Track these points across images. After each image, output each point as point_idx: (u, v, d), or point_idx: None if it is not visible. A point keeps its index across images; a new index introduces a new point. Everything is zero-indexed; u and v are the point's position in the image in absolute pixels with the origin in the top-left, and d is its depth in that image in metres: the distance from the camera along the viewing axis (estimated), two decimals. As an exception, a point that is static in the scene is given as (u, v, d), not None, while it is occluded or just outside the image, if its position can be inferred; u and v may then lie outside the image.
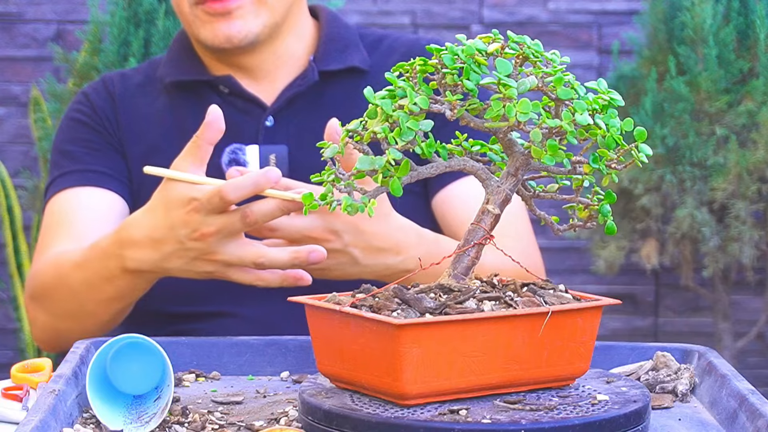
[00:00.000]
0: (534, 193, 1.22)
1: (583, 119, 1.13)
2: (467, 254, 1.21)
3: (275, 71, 1.87)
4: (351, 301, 1.17)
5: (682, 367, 1.34)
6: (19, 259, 3.59)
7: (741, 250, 3.32)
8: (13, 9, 3.84)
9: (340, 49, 1.88)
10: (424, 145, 1.15)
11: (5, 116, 3.87)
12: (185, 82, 1.88)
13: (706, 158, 3.31)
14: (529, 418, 1.09)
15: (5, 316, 3.87)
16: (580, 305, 1.16)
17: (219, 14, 1.78)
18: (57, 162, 1.90)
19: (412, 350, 1.09)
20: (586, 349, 1.17)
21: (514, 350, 1.14)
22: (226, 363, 1.41)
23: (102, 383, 1.24)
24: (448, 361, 1.11)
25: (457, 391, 1.13)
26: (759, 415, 1.14)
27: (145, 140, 1.88)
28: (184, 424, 1.20)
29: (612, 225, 1.20)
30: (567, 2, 3.88)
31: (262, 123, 1.84)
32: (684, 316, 3.91)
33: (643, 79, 3.41)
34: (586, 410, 1.12)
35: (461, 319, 1.11)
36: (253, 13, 1.79)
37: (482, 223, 1.20)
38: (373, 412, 1.11)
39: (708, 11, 3.30)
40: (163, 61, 1.93)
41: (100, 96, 1.93)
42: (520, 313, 1.13)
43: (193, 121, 1.81)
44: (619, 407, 1.13)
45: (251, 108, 1.86)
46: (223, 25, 1.78)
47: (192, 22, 1.82)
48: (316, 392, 1.17)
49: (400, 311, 1.13)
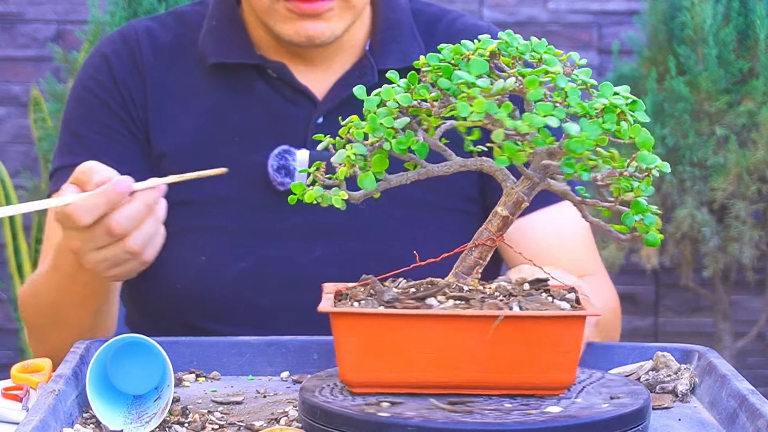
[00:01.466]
0: (582, 199, 1.19)
1: (539, 122, 1.12)
2: (471, 254, 1.21)
3: (331, 58, 1.71)
4: (336, 290, 1.21)
5: (682, 367, 1.34)
6: (19, 259, 3.59)
7: (741, 250, 3.32)
8: (13, 9, 3.85)
9: (396, 38, 1.72)
10: (394, 142, 1.16)
11: (5, 116, 3.87)
12: (230, 64, 1.71)
13: (706, 158, 3.31)
14: (448, 418, 1.09)
15: (5, 316, 3.87)
16: (538, 314, 1.13)
17: (306, 15, 1.64)
18: (68, 145, 1.73)
19: (349, 339, 1.14)
20: (567, 360, 1.14)
21: (470, 352, 1.13)
22: (226, 363, 1.41)
23: (102, 383, 1.24)
24: (391, 355, 1.13)
25: (408, 386, 1.15)
26: (759, 415, 1.14)
27: (177, 126, 1.71)
28: (184, 424, 1.20)
29: (654, 238, 1.16)
30: (567, 2, 3.87)
31: (312, 121, 1.69)
32: (684, 316, 3.91)
33: (643, 79, 3.41)
34: (519, 420, 1.09)
35: (387, 313, 1.13)
36: (339, 16, 1.65)
37: (489, 224, 1.20)
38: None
39: (708, 11, 3.30)
40: (204, 34, 1.72)
41: (122, 62, 1.73)
42: (461, 314, 1.13)
43: (233, 107, 1.70)
44: (619, 407, 1.13)
45: (300, 100, 1.70)
46: (309, 25, 1.64)
47: (270, 14, 1.65)
48: (316, 392, 1.17)
49: (365, 302, 1.17)
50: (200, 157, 1.67)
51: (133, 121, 1.71)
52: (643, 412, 1.14)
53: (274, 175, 1.65)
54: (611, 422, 1.10)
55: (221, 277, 1.67)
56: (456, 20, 1.77)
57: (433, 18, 1.77)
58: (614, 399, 1.16)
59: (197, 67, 1.71)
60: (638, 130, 1.14)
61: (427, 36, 1.75)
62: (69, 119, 1.74)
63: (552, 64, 1.16)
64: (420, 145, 1.18)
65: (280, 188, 1.65)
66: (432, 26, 1.76)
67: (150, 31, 1.74)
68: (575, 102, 1.14)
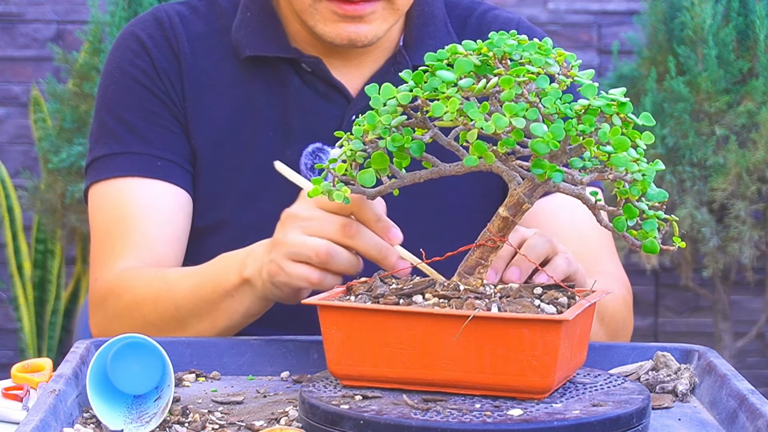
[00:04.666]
0: (594, 203, 1.18)
1: (503, 122, 1.12)
2: (472, 254, 1.21)
3: (366, 54, 1.68)
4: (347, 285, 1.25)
5: (682, 367, 1.34)
6: (19, 259, 3.59)
7: (741, 250, 3.32)
8: (13, 9, 3.85)
9: (430, 34, 1.70)
10: (388, 140, 1.17)
11: (5, 116, 3.87)
12: (264, 57, 1.68)
13: (705, 158, 3.31)
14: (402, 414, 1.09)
15: (5, 316, 3.87)
16: (506, 315, 1.13)
17: (349, 17, 1.60)
18: (114, 133, 1.67)
19: (332, 331, 1.17)
20: (541, 364, 1.12)
21: (448, 351, 1.14)
22: (226, 363, 1.41)
23: (102, 383, 1.24)
24: (371, 349, 1.15)
25: (389, 381, 1.16)
26: (759, 415, 1.14)
27: (210, 118, 1.68)
28: (185, 424, 1.20)
29: (653, 244, 1.15)
30: (567, 2, 3.88)
31: (346, 119, 1.66)
32: (684, 316, 3.91)
33: (643, 79, 3.41)
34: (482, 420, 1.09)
35: (364, 307, 1.16)
36: (383, 18, 1.61)
37: (491, 225, 1.21)
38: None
39: (708, 11, 3.30)
40: (238, 25, 1.69)
41: (160, 49, 1.69)
42: (433, 312, 1.14)
43: (266, 100, 1.67)
44: (619, 407, 1.13)
45: (334, 95, 1.67)
46: (351, 27, 1.60)
47: (311, 14, 1.61)
48: (316, 392, 1.18)
49: (360, 296, 1.19)
50: (234, 149, 1.66)
51: (175, 107, 1.67)
52: (643, 412, 1.15)
53: (307, 174, 1.65)
54: (611, 422, 1.10)
55: None
56: (486, 13, 1.76)
57: (465, 12, 1.76)
58: (596, 406, 1.14)
59: (230, 57, 1.69)
60: (617, 131, 1.13)
61: (459, 30, 1.73)
62: (111, 105, 1.68)
63: (538, 64, 1.16)
64: (417, 144, 1.18)
65: None
66: (464, 20, 1.75)
67: (182, 16, 1.70)
68: (549, 103, 1.14)
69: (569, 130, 1.13)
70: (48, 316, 3.61)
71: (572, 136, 1.13)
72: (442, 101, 1.15)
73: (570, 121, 1.13)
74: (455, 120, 1.14)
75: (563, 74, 1.18)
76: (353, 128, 1.21)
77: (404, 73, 1.21)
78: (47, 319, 3.61)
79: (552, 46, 1.20)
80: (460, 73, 1.16)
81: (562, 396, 1.17)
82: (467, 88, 1.15)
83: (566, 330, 1.13)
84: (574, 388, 1.20)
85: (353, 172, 1.21)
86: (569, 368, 1.19)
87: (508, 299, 1.17)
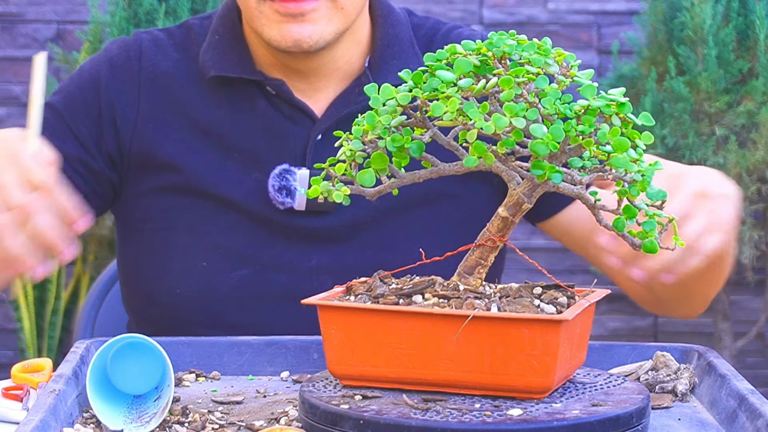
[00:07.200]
0: (593, 203, 1.18)
1: (504, 122, 1.12)
2: (472, 254, 1.21)
3: (329, 75, 1.71)
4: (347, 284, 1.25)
5: (682, 367, 1.34)
6: (19, 259, 3.59)
7: (741, 250, 3.32)
8: (13, 9, 3.85)
9: (395, 55, 1.72)
10: (388, 140, 1.18)
11: (5, 116, 3.87)
12: (230, 78, 1.71)
13: (705, 158, 3.31)
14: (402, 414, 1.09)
15: (5, 316, 3.87)
16: (504, 315, 1.13)
17: (291, 15, 1.61)
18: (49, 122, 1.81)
19: (331, 331, 1.17)
20: (540, 364, 1.13)
21: (447, 351, 1.14)
22: (226, 363, 1.41)
23: (102, 383, 1.24)
24: (371, 349, 1.15)
25: (388, 380, 1.16)
26: (759, 415, 1.14)
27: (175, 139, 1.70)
28: (184, 424, 1.20)
29: (653, 244, 1.15)
30: (567, 2, 3.88)
31: (311, 139, 1.68)
32: (684, 316, 3.91)
33: (643, 80, 3.41)
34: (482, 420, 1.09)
35: (363, 307, 1.16)
36: (327, 18, 1.62)
37: (491, 225, 1.21)
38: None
39: (708, 11, 3.30)
40: (206, 48, 1.72)
41: (121, 75, 1.74)
42: (432, 312, 1.14)
43: (233, 123, 1.69)
44: (619, 407, 1.13)
45: (300, 117, 1.69)
46: (294, 27, 1.61)
47: (257, 18, 1.63)
48: (316, 392, 1.18)
49: (360, 296, 1.20)
50: (201, 171, 1.68)
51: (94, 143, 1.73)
52: (643, 412, 1.15)
53: (275, 195, 1.66)
54: (611, 422, 1.10)
55: (221, 284, 1.67)
56: (451, 32, 1.78)
57: (430, 31, 1.78)
58: (596, 406, 1.14)
59: (199, 81, 1.71)
60: (616, 132, 1.13)
61: (426, 49, 1.74)
62: (51, 96, 1.79)
63: (538, 65, 1.16)
64: (416, 144, 1.18)
65: (280, 207, 1.66)
66: (429, 39, 1.77)
67: (158, 41, 1.75)
68: (549, 103, 1.14)
69: (569, 131, 1.13)
70: (48, 316, 3.61)
71: (572, 136, 1.13)
72: (442, 101, 1.15)
73: (569, 122, 1.13)
74: (455, 120, 1.14)
75: (563, 74, 1.18)
76: (352, 129, 1.21)
77: (404, 73, 1.21)
78: (47, 319, 3.61)
79: (551, 45, 1.20)
80: (459, 73, 1.16)
81: (561, 396, 1.17)
82: (467, 88, 1.15)
83: (566, 330, 1.13)
84: (573, 388, 1.20)
85: (353, 172, 1.21)
86: (569, 368, 1.19)
87: (508, 299, 1.17)
